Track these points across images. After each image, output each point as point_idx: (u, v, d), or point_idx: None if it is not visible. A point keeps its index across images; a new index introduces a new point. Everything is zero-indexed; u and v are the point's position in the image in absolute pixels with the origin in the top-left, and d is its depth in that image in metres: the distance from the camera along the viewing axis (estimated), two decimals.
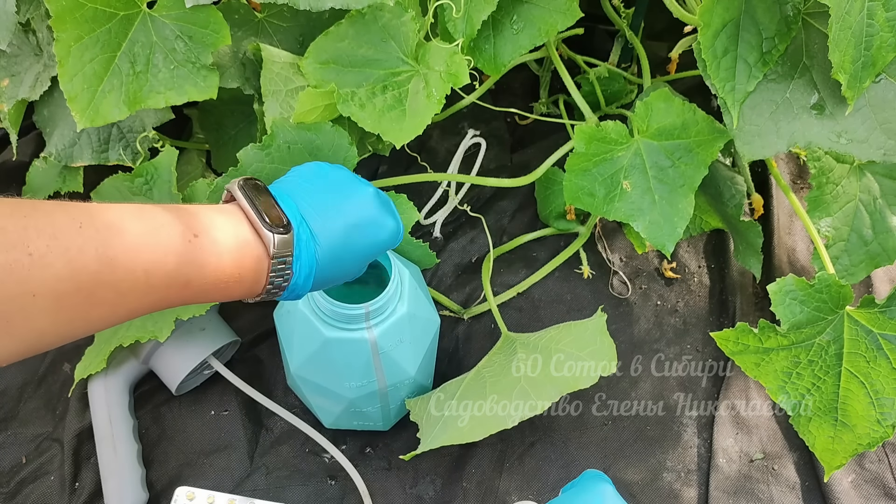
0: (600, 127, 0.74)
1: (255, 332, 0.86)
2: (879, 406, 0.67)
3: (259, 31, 0.80)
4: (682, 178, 0.73)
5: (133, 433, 0.77)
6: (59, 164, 0.86)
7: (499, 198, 0.99)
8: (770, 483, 0.77)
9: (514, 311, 0.89)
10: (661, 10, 0.77)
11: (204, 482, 0.76)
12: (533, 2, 0.78)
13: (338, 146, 0.70)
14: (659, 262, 0.94)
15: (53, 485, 0.76)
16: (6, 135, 0.88)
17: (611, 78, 0.96)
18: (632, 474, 0.77)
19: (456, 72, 0.69)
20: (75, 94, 0.69)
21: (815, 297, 0.65)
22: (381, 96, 0.71)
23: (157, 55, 0.71)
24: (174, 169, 0.77)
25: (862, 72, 0.63)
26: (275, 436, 0.80)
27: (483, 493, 0.76)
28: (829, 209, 0.77)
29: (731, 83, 0.67)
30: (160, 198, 0.77)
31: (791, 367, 0.68)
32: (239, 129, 0.90)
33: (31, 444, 0.79)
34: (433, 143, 1.03)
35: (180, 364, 0.77)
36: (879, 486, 0.76)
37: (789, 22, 0.67)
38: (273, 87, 0.73)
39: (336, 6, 0.68)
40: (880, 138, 0.65)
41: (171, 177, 0.76)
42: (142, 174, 0.78)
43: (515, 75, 1.09)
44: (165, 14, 0.71)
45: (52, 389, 0.83)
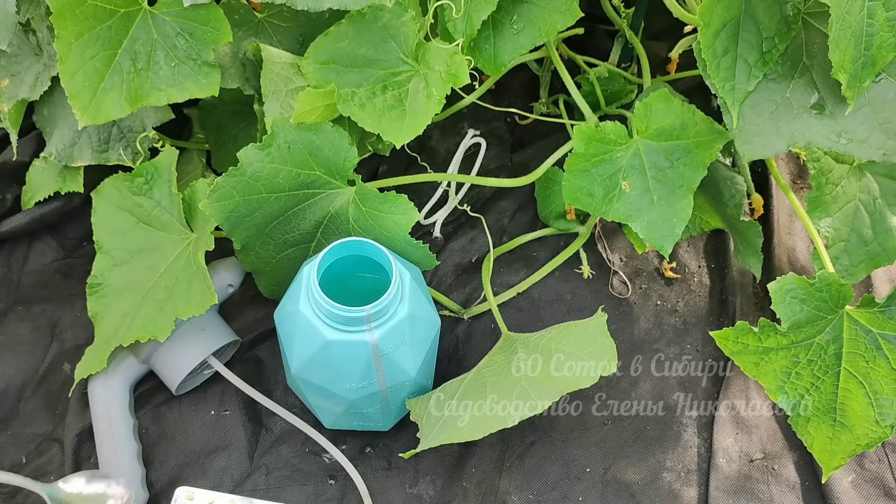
0: (599, 127, 0.74)
1: (255, 332, 0.86)
2: (878, 406, 0.67)
3: (259, 31, 0.80)
4: (680, 178, 0.73)
5: (133, 433, 0.77)
6: (60, 164, 0.86)
7: (499, 198, 0.99)
8: (770, 483, 0.77)
9: (514, 311, 0.89)
10: (661, 10, 0.77)
11: (204, 482, 0.76)
12: (533, 2, 0.78)
13: (338, 146, 0.70)
14: (659, 262, 0.94)
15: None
16: (6, 134, 0.88)
17: (611, 78, 0.96)
18: (632, 474, 0.77)
19: (456, 72, 0.69)
20: (76, 91, 0.69)
21: (815, 296, 0.65)
22: (381, 96, 0.71)
23: (159, 52, 0.71)
24: (174, 169, 0.77)
25: (862, 71, 0.63)
26: (275, 436, 0.80)
27: (483, 493, 0.76)
28: (828, 209, 0.77)
29: (731, 83, 0.67)
30: (160, 197, 0.77)
31: (790, 367, 0.68)
32: (239, 129, 0.90)
33: (31, 444, 0.79)
34: (433, 143, 1.03)
35: (180, 364, 0.77)
36: (879, 486, 0.76)
37: (789, 22, 0.67)
38: (273, 87, 0.73)
39: (334, 6, 0.68)
40: (880, 138, 0.65)
41: (172, 177, 0.76)
42: (142, 174, 0.78)
43: (515, 75, 1.09)
44: (166, 11, 0.71)
45: (52, 389, 0.83)
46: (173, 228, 0.77)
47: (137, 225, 0.78)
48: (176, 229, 0.77)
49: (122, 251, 0.78)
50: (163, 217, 0.77)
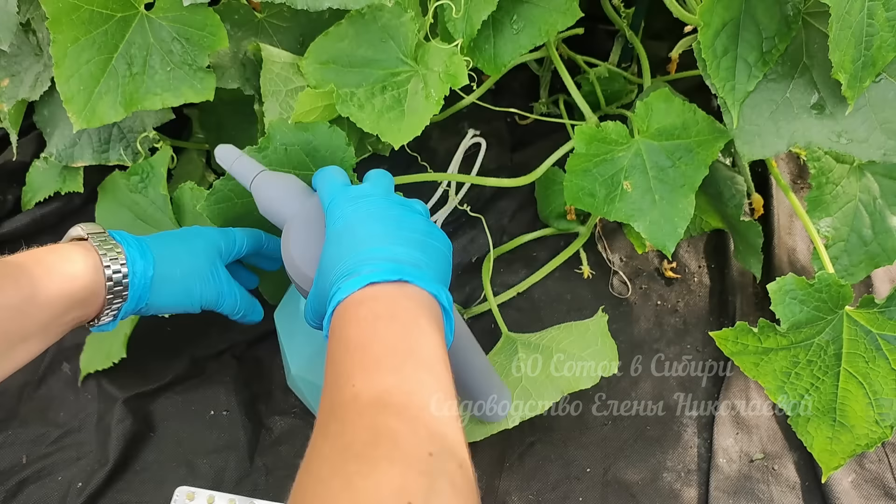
0: (600, 127, 0.74)
1: (255, 332, 0.86)
2: (878, 406, 0.67)
3: (259, 31, 0.80)
4: (682, 178, 0.73)
5: None
6: (60, 164, 0.86)
7: (499, 198, 0.99)
8: (770, 483, 0.77)
9: (514, 311, 0.89)
10: (661, 10, 0.77)
11: (204, 482, 0.76)
12: (533, 2, 0.78)
13: (335, 147, 0.70)
14: (659, 262, 0.94)
15: (54, 485, 0.76)
16: (6, 135, 0.88)
17: (611, 78, 0.96)
18: (632, 474, 0.77)
19: (454, 72, 0.69)
20: (71, 95, 0.70)
21: (814, 297, 0.65)
22: (380, 97, 0.71)
23: (154, 57, 0.71)
24: (164, 170, 0.77)
25: (862, 71, 0.63)
26: (275, 436, 0.80)
27: (483, 493, 0.76)
28: (828, 209, 0.77)
29: (731, 83, 0.67)
30: (154, 196, 0.78)
31: (790, 367, 0.68)
32: (239, 129, 0.90)
33: (31, 444, 0.79)
34: (433, 143, 1.03)
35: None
36: (879, 486, 0.76)
37: (789, 21, 0.67)
38: (273, 87, 0.73)
39: (334, 6, 0.68)
40: (880, 138, 0.65)
41: (163, 177, 0.77)
42: (137, 172, 0.79)
43: (515, 75, 1.09)
44: (163, 16, 0.71)
45: (53, 389, 0.83)
46: (166, 227, 0.77)
47: (135, 221, 0.79)
48: (169, 228, 0.77)
49: None
50: (157, 215, 0.78)
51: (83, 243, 0.62)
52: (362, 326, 0.47)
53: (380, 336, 0.46)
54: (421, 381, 0.43)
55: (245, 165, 0.64)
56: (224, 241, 0.69)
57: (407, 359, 0.45)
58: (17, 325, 0.55)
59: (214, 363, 0.84)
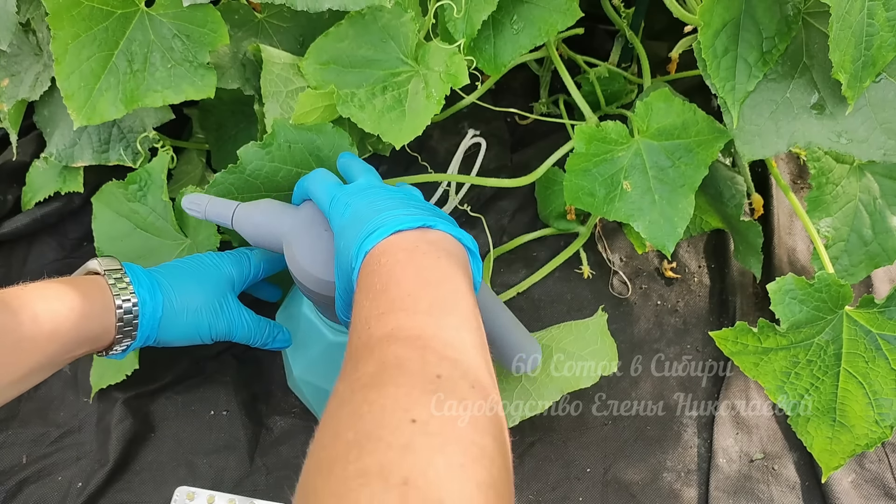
0: (600, 127, 0.74)
1: None
2: (878, 406, 0.67)
3: (259, 31, 0.80)
4: (682, 178, 0.73)
5: None
6: (60, 164, 0.86)
7: (499, 198, 0.99)
8: (770, 483, 0.77)
9: (514, 310, 0.88)
10: (661, 10, 0.77)
11: (204, 482, 0.76)
12: (533, 2, 0.78)
13: (338, 146, 0.70)
14: (659, 262, 0.94)
15: (54, 485, 0.76)
16: (6, 135, 0.88)
17: (611, 78, 0.96)
18: (632, 474, 0.77)
19: (455, 72, 0.69)
20: (72, 91, 0.69)
21: (814, 297, 0.65)
22: (380, 97, 0.71)
23: (155, 54, 0.71)
24: (163, 177, 0.77)
25: (862, 71, 0.63)
26: (275, 436, 0.80)
27: None
28: (828, 209, 0.77)
29: (731, 83, 0.67)
30: (154, 203, 0.77)
31: (790, 367, 0.68)
32: (239, 129, 0.90)
33: (31, 444, 0.79)
34: (433, 143, 1.03)
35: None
36: (879, 486, 0.76)
37: (789, 21, 0.67)
38: (273, 87, 0.73)
39: (334, 7, 0.68)
40: (880, 138, 0.65)
41: (163, 183, 0.77)
42: (135, 181, 0.78)
43: (515, 75, 1.09)
44: (163, 12, 0.71)
45: (53, 389, 0.83)
46: (168, 234, 0.77)
47: (134, 231, 0.79)
48: (171, 235, 0.77)
49: (121, 257, 0.78)
50: (158, 223, 0.78)
51: (98, 279, 0.62)
52: (382, 273, 0.47)
53: (396, 279, 0.46)
54: (433, 314, 0.44)
55: (219, 205, 0.64)
56: (237, 269, 0.69)
57: (421, 297, 0.45)
58: (27, 357, 0.56)
59: (214, 363, 0.84)
